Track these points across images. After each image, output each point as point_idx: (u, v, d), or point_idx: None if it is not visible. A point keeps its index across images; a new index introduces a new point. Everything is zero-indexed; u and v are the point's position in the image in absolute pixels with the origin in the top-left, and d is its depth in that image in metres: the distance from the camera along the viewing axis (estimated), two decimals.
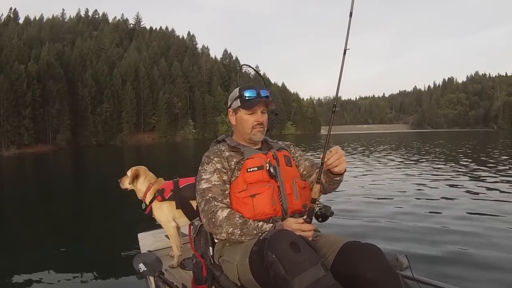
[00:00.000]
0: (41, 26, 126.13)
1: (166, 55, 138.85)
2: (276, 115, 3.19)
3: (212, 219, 2.30)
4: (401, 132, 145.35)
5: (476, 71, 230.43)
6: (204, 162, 2.58)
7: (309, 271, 1.74)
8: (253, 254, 2.06)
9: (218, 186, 2.43)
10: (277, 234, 1.93)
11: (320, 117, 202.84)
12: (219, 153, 2.58)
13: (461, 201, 8.82)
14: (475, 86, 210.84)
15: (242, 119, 2.61)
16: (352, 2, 2.28)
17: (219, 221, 2.27)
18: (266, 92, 2.63)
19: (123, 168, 4.17)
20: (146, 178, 3.89)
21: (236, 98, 2.64)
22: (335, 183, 2.36)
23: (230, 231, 2.24)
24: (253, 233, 2.20)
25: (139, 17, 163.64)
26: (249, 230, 2.21)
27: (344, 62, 2.28)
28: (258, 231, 2.19)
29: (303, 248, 1.83)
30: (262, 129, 2.61)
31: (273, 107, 2.67)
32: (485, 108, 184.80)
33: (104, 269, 5.45)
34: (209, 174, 2.48)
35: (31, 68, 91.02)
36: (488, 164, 16.73)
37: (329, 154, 2.15)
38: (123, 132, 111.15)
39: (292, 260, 1.77)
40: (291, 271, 1.75)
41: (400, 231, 6.46)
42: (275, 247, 1.84)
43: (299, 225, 2.12)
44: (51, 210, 10.73)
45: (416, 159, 20.95)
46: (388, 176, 13.67)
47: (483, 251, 5.27)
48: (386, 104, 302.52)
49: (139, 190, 3.88)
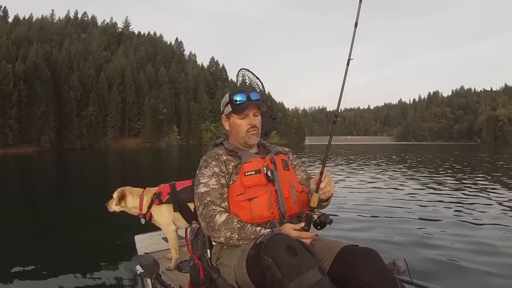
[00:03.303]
0: (30, 25, 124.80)
1: (153, 61, 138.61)
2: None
3: (211, 223, 2.29)
4: (386, 144, 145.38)
5: (461, 86, 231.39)
6: (202, 166, 2.56)
7: (306, 274, 1.74)
8: (250, 258, 2.06)
9: (216, 190, 2.43)
10: (273, 237, 1.93)
11: (304, 128, 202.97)
12: (217, 156, 2.57)
13: (453, 208, 8.98)
14: (460, 100, 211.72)
15: (235, 124, 2.60)
16: (358, 12, 2.29)
17: (218, 225, 2.26)
18: (257, 95, 2.62)
19: (111, 171, 4.19)
20: (134, 194, 3.88)
21: (227, 103, 2.63)
22: (322, 207, 2.45)
23: (228, 236, 2.23)
24: (250, 238, 2.19)
25: (127, 21, 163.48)
26: (247, 235, 2.21)
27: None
28: (256, 236, 2.18)
29: (300, 252, 1.82)
30: (256, 132, 2.60)
31: (264, 108, 2.66)
32: (469, 122, 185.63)
33: (101, 271, 5.41)
34: (207, 178, 2.47)
35: (18, 68, 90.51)
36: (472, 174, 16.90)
37: (324, 180, 2.21)
38: (108, 136, 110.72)
39: (289, 264, 1.77)
40: (288, 275, 1.74)
41: (396, 236, 6.52)
42: (272, 250, 1.83)
43: (297, 233, 2.14)
44: (44, 212, 10.59)
45: (406, 169, 21.06)
46: (382, 184, 13.85)
47: (478, 255, 5.36)
48: (371, 116, 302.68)
49: (132, 208, 3.87)
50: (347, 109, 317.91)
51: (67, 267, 5.58)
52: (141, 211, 3.81)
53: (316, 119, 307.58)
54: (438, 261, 5.13)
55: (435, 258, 5.27)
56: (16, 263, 5.81)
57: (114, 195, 3.88)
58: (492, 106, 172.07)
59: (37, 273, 5.42)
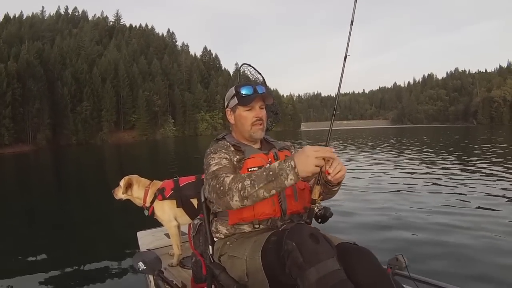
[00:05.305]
0: (21, 23, 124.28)
1: (145, 53, 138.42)
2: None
3: (221, 187, 2.10)
4: (382, 127, 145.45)
5: (456, 68, 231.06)
6: (210, 152, 2.47)
7: (325, 262, 1.76)
8: (270, 243, 2.06)
9: (228, 167, 2.35)
10: (297, 225, 1.95)
11: (300, 114, 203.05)
12: (226, 147, 2.51)
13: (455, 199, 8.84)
14: (455, 82, 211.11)
15: (241, 116, 2.57)
16: (353, 10, 2.33)
17: (227, 185, 2.08)
18: (263, 88, 2.59)
19: (108, 166, 4.19)
20: (140, 185, 3.91)
21: (233, 96, 2.60)
22: (333, 193, 2.38)
23: (240, 187, 2.02)
24: (263, 176, 1.99)
25: (118, 14, 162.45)
26: (258, 176, 2.01)
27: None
28: (268, 172, 1.99)
29: (322, 241, 1.84)
30: (262, 126, 2.57)
31: (270, 101, 2.62)
32: (464, 104, 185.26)
33: (104, 267, 5.44)
34: (217, 159, 2.38)
35: (11, 67, 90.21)
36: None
37: (329, 164, 2.02)
38: (103, 131, 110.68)
39: (311, 250, 1.79)
40: (309, 260, 1.76)
41: (397, 230, 6.52)
42: (296, 236, 1.86)
43: (318, 149, 1.95)
44: (44, 210, 10.65)
45: (401, 153, 21.07)
46: (380, 172, 13.84)
47: (481, 249, 5.34)
48: (366, 100, 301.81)
49: (136, 198, 3.91)
50: (342, 94, 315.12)
51: (70, 264, 5.62)
52: (144, 203, 3.84)
53: (312, 105, 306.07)
54: (439, 255, 5.15)
55: (435, 252, 5.28)
56: (16, 260, 5.84)
57: (121, 183, 3.92)
58: (487, 88, 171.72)
59: (39, 269, 5.47)
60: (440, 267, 4.67)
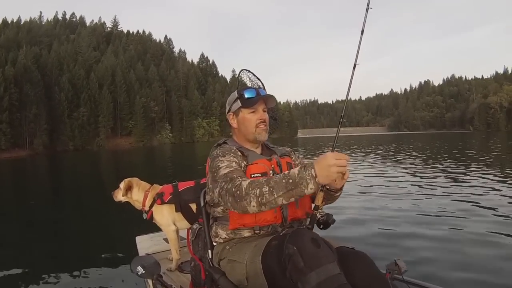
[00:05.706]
0: (19, 28, 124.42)
1: (143, 59, 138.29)
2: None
3: (237, 191, 2.03)
4: (379, 134, 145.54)
5: (452, 74, 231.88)
6: (218, 155, 2.41)
7: (326, 266, 1.77)
8: (271, 248, 2.06)
9: (239, 170, 2.30)
10: (298, 230, 1.96)
11: (296, 121, 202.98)
12: (233, 151, 2.47)
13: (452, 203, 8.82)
14: (452, 88, 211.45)
15: (244, 119, 2.57)
16: (364, 20, 2.38)
17: (244, 189, 2.01)
18: (264, 92, 2.63)
19: (105, 172, 4.20)
20: (140, 188, 3.91)
21: (236, 99, 2.60)
22: (334, 198, 2.38)
23: (259, 193, 1.96)
24: (282, 184, 1.93)
25: (116, 20, 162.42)
26: (277, 182, 1.95)
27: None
28: (287, 179, 1.93)
29: (323, 245, 1.84)
30: (265, 127, 2.57)
31: (273, 104, 2.65)
32: (461, 110, 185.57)
33: (102, 272, 5.43)
34: (227, 161, 2.33)
35: (8, 72, 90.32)
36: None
37: None
38: (100, 137, 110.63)
39: (312, 254, 1.79)
40: (310, 264, 1.77)
41: (395, 234, 6.51)
42: (297, 240, 1.86)
43: (337, 155, 1.90)
44: (42, 215, 10.61)
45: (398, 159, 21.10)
46: (379, 178, 13.77)
47: (480, 253, 5.33)
48: (363, 107, 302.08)
49: (136, 201, 3.90)
50: (338, 101, 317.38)
51: (68, 269, 5.60)
52: (143, 206, 3.84)
53: (308, 112, 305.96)
54: (437, 260, 5.12)
55: (435, 256, 5.25)
56: (16, 266, 5.82)
57: (121, 185, 3.91)
58: (484, 94, 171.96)
59: (36, 275, 5.45)
60: (438, 272, 4.67)
